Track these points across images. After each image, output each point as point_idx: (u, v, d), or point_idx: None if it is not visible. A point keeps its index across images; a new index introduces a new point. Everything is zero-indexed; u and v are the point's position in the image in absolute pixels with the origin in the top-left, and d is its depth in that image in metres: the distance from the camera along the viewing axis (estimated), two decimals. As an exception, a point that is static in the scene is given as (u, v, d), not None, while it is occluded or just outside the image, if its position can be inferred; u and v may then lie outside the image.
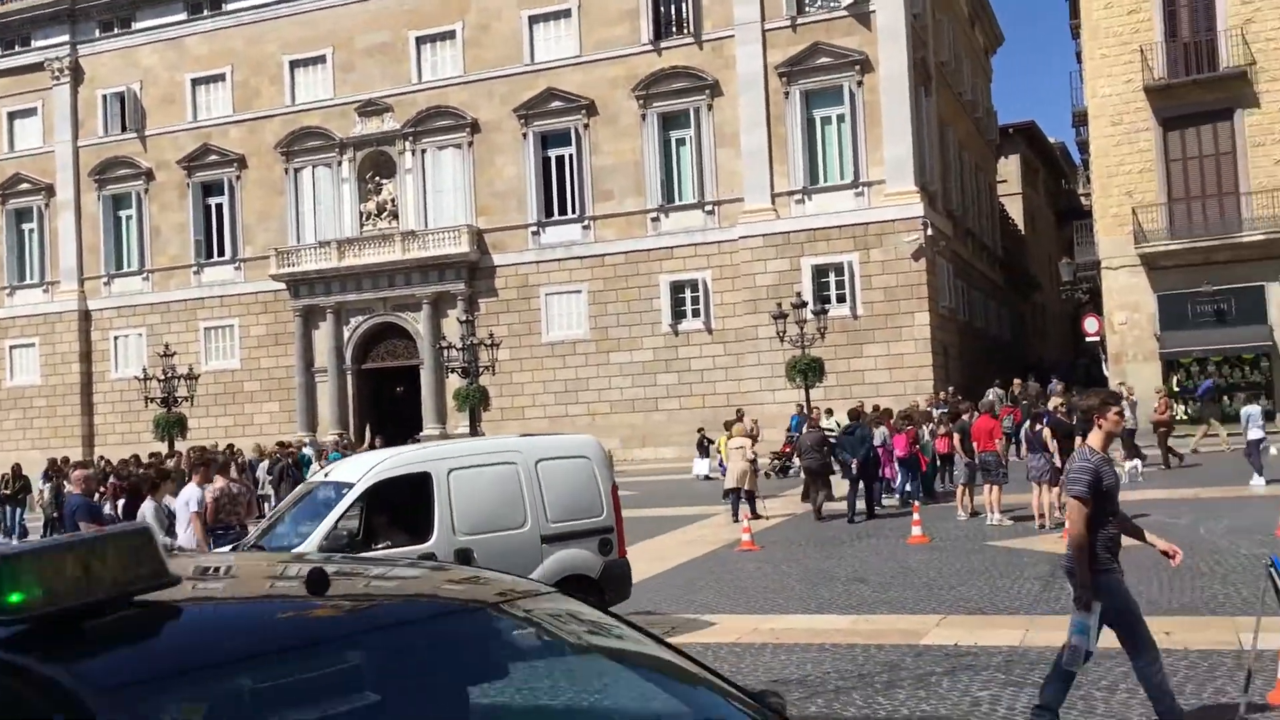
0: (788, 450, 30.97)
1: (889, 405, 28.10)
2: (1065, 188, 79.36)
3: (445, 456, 10.44)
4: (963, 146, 46.53)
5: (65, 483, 19.94)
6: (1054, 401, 20.84)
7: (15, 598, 2.38)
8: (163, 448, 35.12)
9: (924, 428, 21.88)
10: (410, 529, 10.09)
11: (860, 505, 19.81)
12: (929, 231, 36.36)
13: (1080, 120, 40.55)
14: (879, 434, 20.88)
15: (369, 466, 10.32)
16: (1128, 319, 34.05)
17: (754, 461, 20.41)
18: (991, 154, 56.69)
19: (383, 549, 10.11)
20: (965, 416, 19.98)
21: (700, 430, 33.18)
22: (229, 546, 11.42)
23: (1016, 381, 35.46)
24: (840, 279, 36.92)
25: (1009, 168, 63.63)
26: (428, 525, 9.85)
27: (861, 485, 19.92)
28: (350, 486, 9.99)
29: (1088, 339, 37.30)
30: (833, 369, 34.06)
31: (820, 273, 37.09)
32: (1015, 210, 63.56)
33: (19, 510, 28.37)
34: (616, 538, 10.67)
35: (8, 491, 28.19)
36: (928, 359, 36.04)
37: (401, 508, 10.42)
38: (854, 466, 19.78)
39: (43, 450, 43.84)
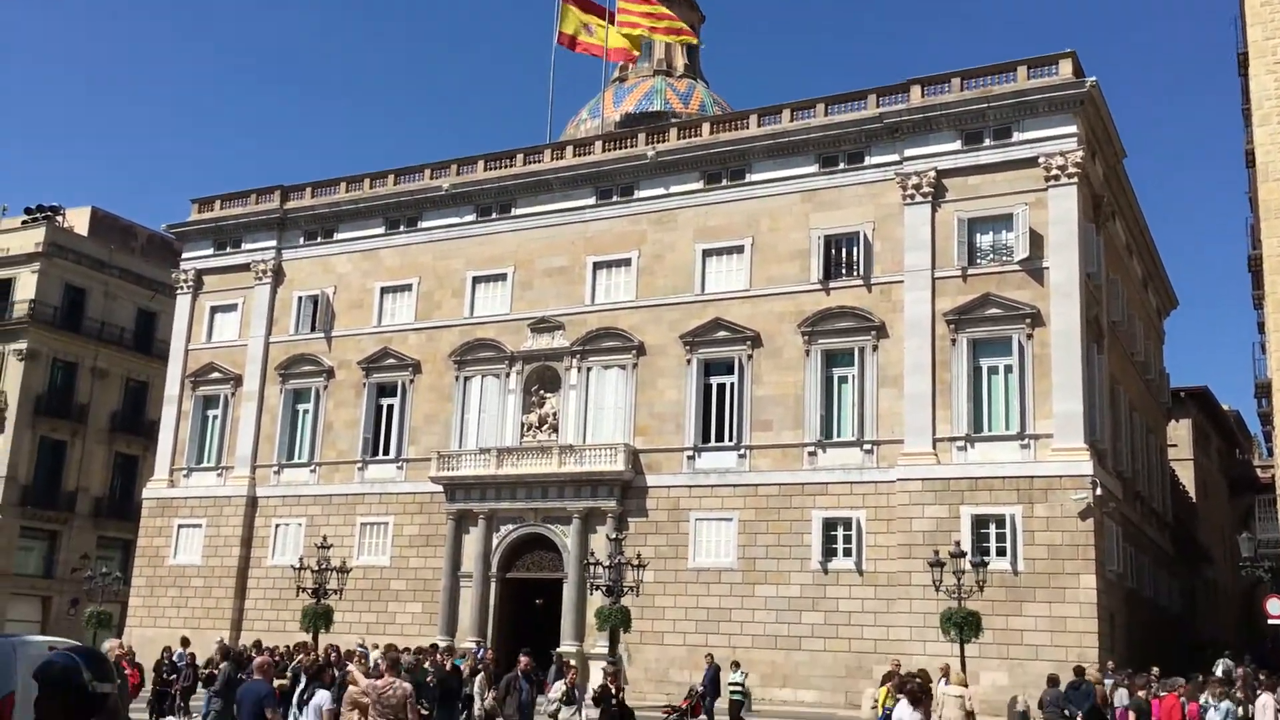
0: (686, 705, 29.47)
1: (1052, 671, 26.52)
2: (1240, 458, 76.02)
3: None
4: (1133, 407, 45.29)
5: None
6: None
7: None
8: (307, 638, 35.51)
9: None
10: None
11: None
12: (1098, 491, 35.06)
13: (1263, 391, 39.15)
14: (1118, 695, 21.26)
15: None
16: (1317, 603, 31.74)
17: (972, 714, 20.18)
18: (1163, 417, 54.98)
19: None
20: (1142, 693, 18.71)
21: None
22: None
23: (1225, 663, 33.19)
24: (1001, 531, 35.67)
25: (1180, 432, 61.59)
26: None
27: None
28: None
29: (1270, 621, 34.80)
30: (989, 625, 32.46)
31: (980, 523, 35.96)
32: (1186, 476, 61.02)
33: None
34: None
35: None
36: (1093, 625, 34.00)
37: None
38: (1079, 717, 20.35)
39: (193, 629, 44.89)
